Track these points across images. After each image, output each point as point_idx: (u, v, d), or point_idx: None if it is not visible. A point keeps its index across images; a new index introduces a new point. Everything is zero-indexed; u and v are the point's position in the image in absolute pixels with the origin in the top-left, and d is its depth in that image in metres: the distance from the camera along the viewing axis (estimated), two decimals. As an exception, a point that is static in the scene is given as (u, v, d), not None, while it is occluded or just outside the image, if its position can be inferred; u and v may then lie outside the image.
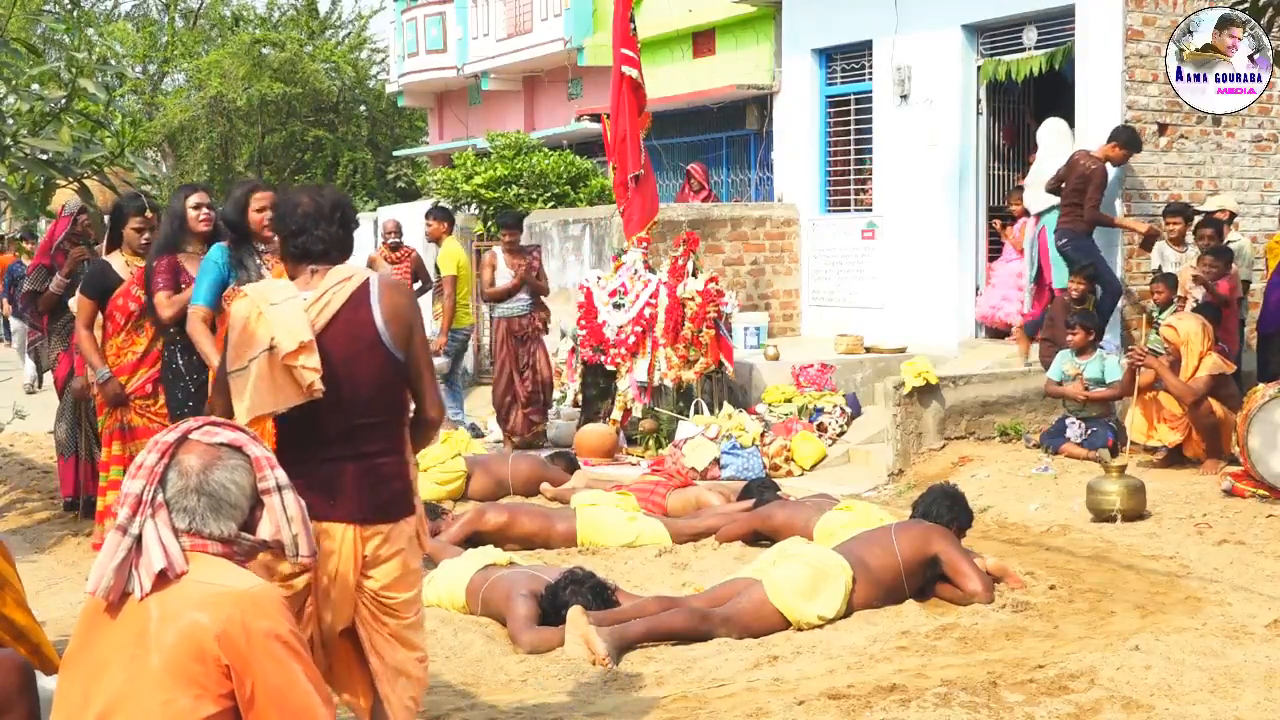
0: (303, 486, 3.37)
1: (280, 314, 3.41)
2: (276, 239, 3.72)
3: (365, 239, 14.18)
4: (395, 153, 26.22)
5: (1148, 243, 9.85)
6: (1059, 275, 10.04)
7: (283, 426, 3.52)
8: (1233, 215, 10.04)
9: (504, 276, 10.52)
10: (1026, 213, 11.10)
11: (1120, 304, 10.01)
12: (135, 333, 6.72)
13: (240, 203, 6.07)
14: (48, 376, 9.55)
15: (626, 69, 10.67)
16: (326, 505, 3.45)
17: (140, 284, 6.51)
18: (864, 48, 12.36)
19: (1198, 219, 9.65)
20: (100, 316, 6.80)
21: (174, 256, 6.28)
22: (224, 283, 5.91)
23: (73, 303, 7.52)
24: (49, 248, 8.22)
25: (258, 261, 6.02)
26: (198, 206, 6.33)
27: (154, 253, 6.38)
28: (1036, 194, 10.41)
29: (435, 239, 11.35)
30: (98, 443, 7.28)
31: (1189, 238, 9.65)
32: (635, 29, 10.92)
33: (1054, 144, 10.49)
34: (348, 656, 3.68)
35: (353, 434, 3.50)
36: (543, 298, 10.77)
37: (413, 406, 3.69)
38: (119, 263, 6.85)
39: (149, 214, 6.88)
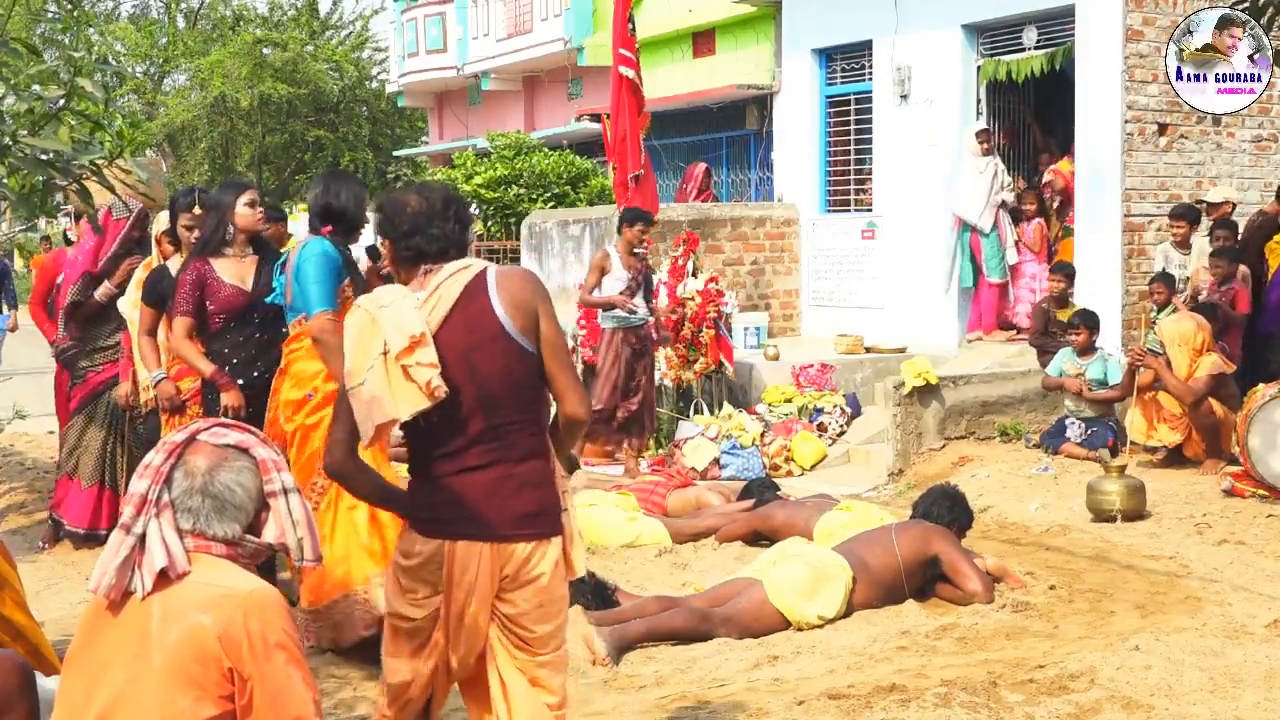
0: (434, 504, 3.18)
1: (389, 314, 3.10)
2: (386, 246, 3.31)
3: (366, 238, 14.14)
4: (395, 153, 26.25)
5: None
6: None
7: (410, 440, 3.20)
8: (1234, 207, 10.03)
9: (619, 281, 9.10)
10: (1039, 212, 11.12)
11: (1121, 304, 10.02)
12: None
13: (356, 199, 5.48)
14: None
15: (624, 69, 10.67)
16: (459, 522, 3.13)
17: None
18: (864, 48, 12.37)
19: (1211, 220, 9.62)
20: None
21: (206, 264, 5.78)
22: (340, 274, 5.36)
23: (124, 308, 7.04)
24: (96, 256, 7.48)
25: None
26: (252, 204, 5.82)
27: (190, 255, 5.95)
28: (957, 201, 11.06)
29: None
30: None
31: (1194, 239, 9.63)
32: (634, 29, 10.92)
33: (966, 152, 11.05)
34: (480, 692, 3.27)
35: (484, 438, 3.14)
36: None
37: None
38: (176, 266, 6.31)
39: (197, 210, 6.35)
